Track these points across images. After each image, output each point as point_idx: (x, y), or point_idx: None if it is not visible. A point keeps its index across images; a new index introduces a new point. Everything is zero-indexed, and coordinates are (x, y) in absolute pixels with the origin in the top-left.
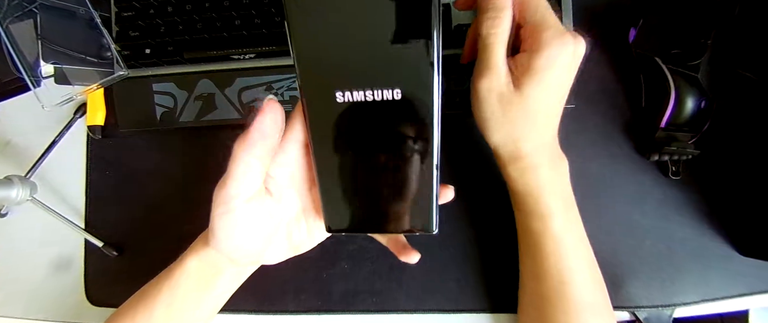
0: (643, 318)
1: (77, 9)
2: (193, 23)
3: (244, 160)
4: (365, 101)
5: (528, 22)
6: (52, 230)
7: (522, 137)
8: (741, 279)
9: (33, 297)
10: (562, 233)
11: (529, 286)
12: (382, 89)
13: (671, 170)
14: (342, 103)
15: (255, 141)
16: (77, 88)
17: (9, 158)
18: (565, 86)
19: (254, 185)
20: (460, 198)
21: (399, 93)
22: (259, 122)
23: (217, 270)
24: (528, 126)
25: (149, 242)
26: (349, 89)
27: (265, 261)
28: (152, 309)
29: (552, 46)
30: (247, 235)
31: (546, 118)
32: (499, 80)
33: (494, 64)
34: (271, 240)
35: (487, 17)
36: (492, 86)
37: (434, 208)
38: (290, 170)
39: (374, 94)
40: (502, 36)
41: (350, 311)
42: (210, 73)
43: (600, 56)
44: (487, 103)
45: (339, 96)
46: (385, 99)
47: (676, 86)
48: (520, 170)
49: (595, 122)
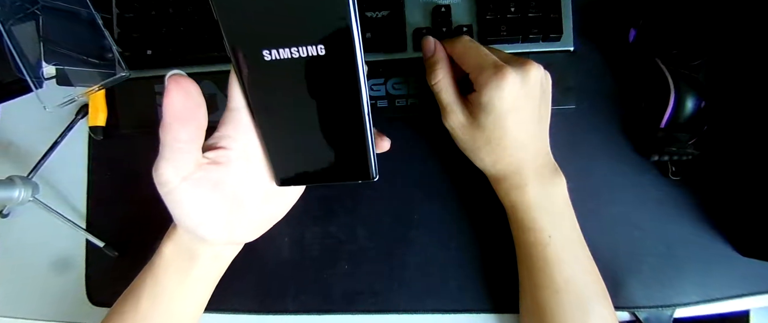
0: (643, 318)
1: (79, 10)
2: (195, 24)
3: (168, 144)
4: (291, 57)
5: (469, 67)
6: (53, 231)
7: (497, 160)
8: (741, 279)
9: (34, 297)
10: (554, 246)
11: (527, 295)
12: (306, 45)
13: (671, 171)
14: (270, 61)
15: (170, 125)
16: (79, 89)
17: (11, 159)
18: (526, 110)
19: (186, 165)
20: (460, 198)
21: (322, 49)
22: (166, 105)
23: (193, 253)
24: (498, 151)
25: (151, 242)
26: (275, 47)
27: (240, 237)
28: (138, 303)
29: (489, 85)
30: (203, 210)
31: (515, 142)
32: (457, 117)
33: (447, 104)
34: (236, 212)
35: (431, 71)
36: (453, 123)
37: (371, 155)
38: (241, 138)
39: (299, 50)
40: (444, 81)
41: (350, 311)
42: (211, 75)
43: (600, 56)
44: (458, 137)
45: (266, 55)
46: (310, 55)
47: (676, 86)
48: (505, 190)
49: (595, 122)
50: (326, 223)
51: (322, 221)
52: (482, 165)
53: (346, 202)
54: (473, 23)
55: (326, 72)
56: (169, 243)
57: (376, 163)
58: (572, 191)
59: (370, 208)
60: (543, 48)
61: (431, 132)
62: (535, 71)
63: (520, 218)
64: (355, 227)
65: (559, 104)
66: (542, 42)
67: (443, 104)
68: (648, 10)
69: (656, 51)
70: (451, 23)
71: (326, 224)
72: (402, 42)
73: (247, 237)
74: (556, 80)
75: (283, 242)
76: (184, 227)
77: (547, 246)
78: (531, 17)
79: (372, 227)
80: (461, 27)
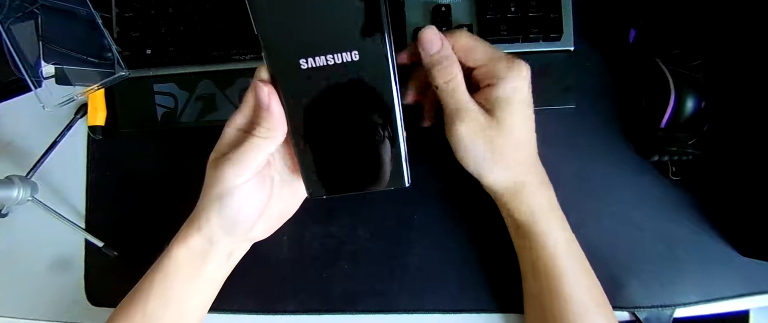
0: (643, 318)
1: (78, 10)
2: (194, 24)
3: (260, 147)
4: (327, 64)
5: (479, 61)
6: (52, 231)
7: (515, 164)
8: (741, 279)
9: (33, 297)
10: (565, 251)
11: (530, 303)
12: (341, 52)
13: (671, 171)
14: (306, 69)
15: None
16: (78, 88)
17: (10, 159)
18: (530, 104)
19: (261, 163)
20: (461, 199)
21: (356, 54)
22: (274, 109)
23: (206, 256)
24: (518, 153)
25: (150, 242)
26: (312, 56)
27: (260, 234)
28: (146, 304)
29: (511, 76)
30: (256, 208)
31: (528, 142)
32: (477, 118)
33: (465, 105)
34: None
35: (441, 68)
36: (472, 126)
37: (404, 162)
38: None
39: (334, 57)
40: (459, 77)
41: (351, 311)
42: (211, 74)
43: (600, 56)
44: (474, 144)
45: (303, 63)
46: (345, 61)
47: (676, 86)
48: (520, 200)
49: (595, 122)
50: (326, 223)
51: (322, 221)
52: (500, 177)
53: (346, 202)
54: (473, 23)
55: (361, 77)
56: (180, 246)
57: (409, 169)
58: (572, 191)
59: (370, 208)
60: (543, 48)
61: (431, 132)
62: (528, 66)
63: (533, 229)
64: (355, 226)
65: (559, 103)
66: (542, 42)
67: (457, 105)
68: (648, 10)
69: (656, 51)
70: (451, 23)
71: (326, 224)
72: (402, 42)
73: (264, 234)
74: (556, 80)
75: (283, 242)
76: (231, 224)
77: (562, 252)
78: (531, 17)
79: (372, 227)
80: (461, 26)
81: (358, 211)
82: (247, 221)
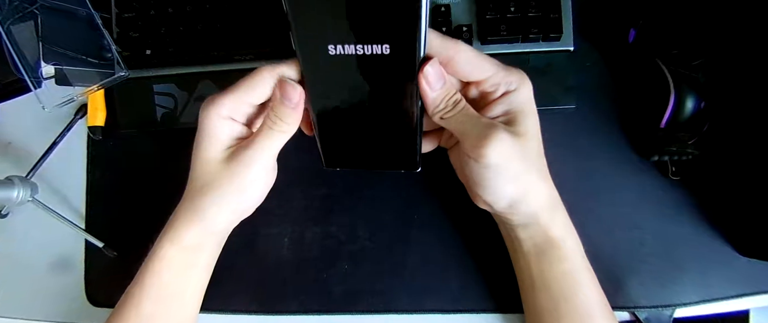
0: (643, 318)
1: (78, 10)
2: (194, 24)
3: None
4: (356, 54)
5: (483, 74)
6: (52, 231)
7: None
8: (741, 279)
9: (33, 297)
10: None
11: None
12: (372, 44)
13: (671, 171)
14: (334, 55)
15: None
16: (78, 89)
17: (10, 159)
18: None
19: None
20: (460, 198)
21: (387, 48)
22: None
23: (198, 246)
24: (543, 164)
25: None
26: (342, 43)
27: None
28: (139, 305)
29: (525, 85)
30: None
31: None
32: (503, 135)
33: (485, 122)
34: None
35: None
36: (499, 145)
37: (419, 148)
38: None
39: (365, 49)
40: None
41: (351, 311)
42: (211, 74)
43: (600, 56)
44: (507, 163)
45: (331, 49)
46: (374, 53)
47: (676, 86)
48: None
49: (595, 122)
50: (326, 223)
51: (322, 221)
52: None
53: (346, 202)
54: (473, 23)
55: (387, 69)
56: (167, 245)
57: (420, 155)
58: (572, 192)
59: (370, 208)
60: (543, 48)
61: None
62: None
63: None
64: (355, 226)
65: (559, 103)
66: (542, 42)
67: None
68: (648, 10)
69: (656, 51)
70: (450, 23)
71: (326, 224)
72: None
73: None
74: (556, 80)
75: (283, 242)
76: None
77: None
78: (531, 17)
79: (372, 227)
80: (461, 27)
81: (358, 211)
82: (256, 205)
